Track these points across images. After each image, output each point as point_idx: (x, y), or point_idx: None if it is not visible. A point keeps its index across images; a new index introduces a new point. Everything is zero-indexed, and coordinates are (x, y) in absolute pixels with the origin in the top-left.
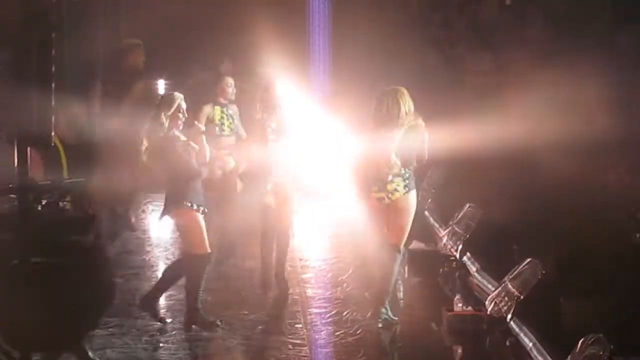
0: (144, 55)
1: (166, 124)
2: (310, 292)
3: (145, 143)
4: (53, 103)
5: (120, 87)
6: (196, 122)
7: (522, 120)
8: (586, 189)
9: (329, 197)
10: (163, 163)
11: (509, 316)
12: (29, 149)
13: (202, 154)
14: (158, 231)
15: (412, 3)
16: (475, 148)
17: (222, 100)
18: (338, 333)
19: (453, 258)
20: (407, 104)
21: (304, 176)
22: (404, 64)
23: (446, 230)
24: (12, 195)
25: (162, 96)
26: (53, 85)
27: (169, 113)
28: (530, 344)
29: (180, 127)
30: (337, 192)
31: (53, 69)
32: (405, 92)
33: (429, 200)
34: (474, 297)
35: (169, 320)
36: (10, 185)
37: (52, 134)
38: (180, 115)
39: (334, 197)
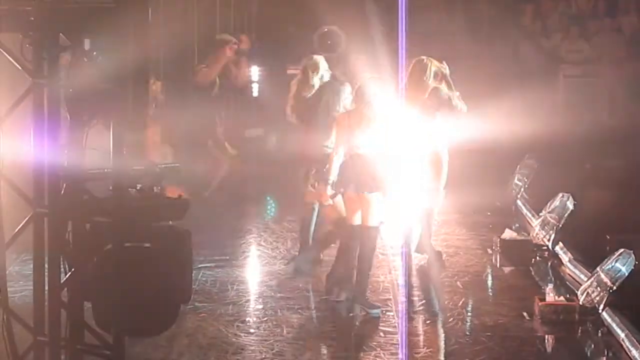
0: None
1: None
2: (401, 280)
3: None
4: (149, 88)
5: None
6: None
7: (616, 109)
8: None
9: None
10: None
11: (601, 307)
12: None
13: None
14: (250, 217)
15: None
16: (568, 137)
17: None
18: (429, 321)
19: (545, 248)
20: None
21: None
22: (497, 54)
23: (539, 220)
24: (107, 180)
25: None
26: (149, 70)
27: None
28: (623, 335)
29: None
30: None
31: (149, 48)
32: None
33: (522, 189)
34: (566, 287)
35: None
36: (106, 170)
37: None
38: None
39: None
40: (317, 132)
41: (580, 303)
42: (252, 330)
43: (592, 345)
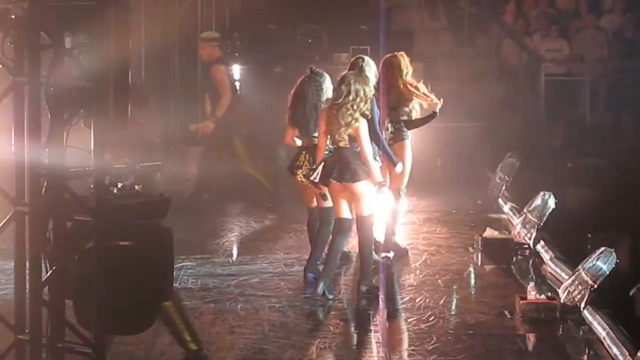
0: (220, 51)
1: None
2: (382, 278)
3: None
4: (130, 86)
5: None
6: None
7: (597, 107)
8: None
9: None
10: None
11: (583, 305)
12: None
13: None
14: (232, 216)
15: None
16: (550, 136)
17: None
18: (410, 320)
19: (527, 246)
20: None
21: None
22: (478, 52)
23: (520, 218)
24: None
25: None
26: (130, 68)
27: None
28: (604, 333)
29: None
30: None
31: (130, 46)
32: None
33: (503, 188)
34: (548, 285)
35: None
36: (87, 168)
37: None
38: None
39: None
40: (303, 125)
41: (562, 301)
42: (234, 329)
43: (574, 344)
